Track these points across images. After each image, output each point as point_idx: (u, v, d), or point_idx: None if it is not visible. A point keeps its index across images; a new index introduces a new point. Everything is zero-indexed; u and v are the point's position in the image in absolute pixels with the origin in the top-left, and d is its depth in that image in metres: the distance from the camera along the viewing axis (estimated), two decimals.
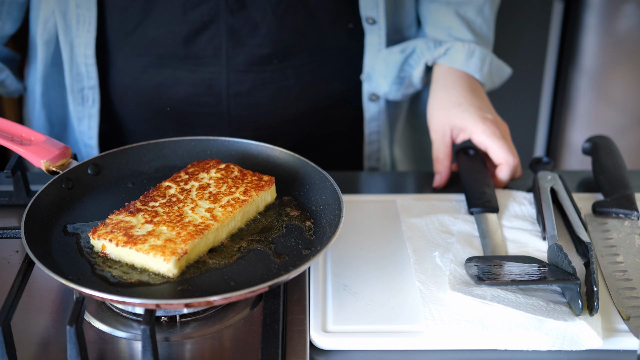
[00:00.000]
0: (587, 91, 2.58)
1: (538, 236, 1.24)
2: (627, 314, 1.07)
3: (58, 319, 1.08)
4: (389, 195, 1.38)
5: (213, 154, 1.31)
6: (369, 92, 1.61)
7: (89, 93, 1.55)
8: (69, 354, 0.94)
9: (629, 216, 1.27)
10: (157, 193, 1.18)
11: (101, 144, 1.60)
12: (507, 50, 2.00)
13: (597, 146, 1.43)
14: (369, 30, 1.55)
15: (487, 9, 1.55)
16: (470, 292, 1.09)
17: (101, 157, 1.26)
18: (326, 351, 1.05)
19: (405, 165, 1.76)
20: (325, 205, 1.19)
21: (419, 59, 1.52)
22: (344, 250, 1.21)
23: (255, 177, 1.21)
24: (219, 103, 1.55)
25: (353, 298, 1.12)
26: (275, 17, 1.49)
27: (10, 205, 1.31)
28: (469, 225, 1.26)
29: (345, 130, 1.67)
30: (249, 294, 0.99)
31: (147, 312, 0.95)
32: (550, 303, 1.07)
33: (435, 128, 1.44)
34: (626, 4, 2.45)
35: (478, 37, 1.53)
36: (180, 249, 1.05)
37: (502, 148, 1.36)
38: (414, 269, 1.16)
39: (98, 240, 1.09)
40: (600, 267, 1.17)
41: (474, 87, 1.46)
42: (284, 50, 1.52)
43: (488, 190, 1.32)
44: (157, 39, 1.50)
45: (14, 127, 1.26)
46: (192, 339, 1.05)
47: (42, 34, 1.54)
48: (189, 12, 1.47)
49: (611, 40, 2.51)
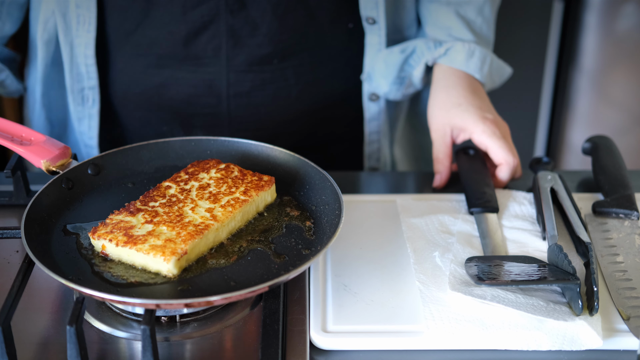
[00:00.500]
0: (587, 91, 2.58)
1: (538, 236, 1.24)
2: (627, 314, 1.07)
3: (58, 319, 1.08)
4: (389, 195, 1.38)
5: (213, 154, 1.31)
6: (369, 92, 1.61)
7: (89, 93, 1.55)
8: (69, 354, 0.94)
9: (629, 216, 1.27)
10: (157, 193, 1.18)
11: (101, 144, 1.60)
12: (507, 50, 2.00)
13: (597, 146, 1.43)
14: (369, 30, 1.55)
15: (487, 8, 1.55)
16: (470, 292, 1.09)
17: (101, 157, 1.26)
18: (326, 351, 1.05)
19: (405, 165, 1.76)
20: (325, 205, 1.19)
21: (419, 59, 1.52)
22: (344, 250, 1.21)
23: (255, 177, 1.21)
24: (219, 103, 1.55)
25: (353, 298, 1.12)
26: (275, 17, 1.49)
27: (10, 205, 1.31)
28: (469, 225, 1.26)
29: (345, 130, 1.67)
30: (249, 294, 0.99)
31: (147, 312, 0.95)
32: (550, 303, 1.07)
33: (436, 128, 1.44)
34: (626, 4, 2.45)
35: (478, 37, 1.53)
36: (180, 249, 1.05)
37: (502, 148, 1.36)
38: (414, 269, 1.16)
39: (98, 240, 1.09)
40: (600, 267, 1.17)
41: (474, 87, 1.46)
42: (284, 50, 1.52)
43: (488, 190, 1.32)
44: (157, 40, 1.50)
45: (14, 127, 1.26)
46: (192, 339, 1.05)
47: (42, 34, 1.54)
48: (189, 12, 1.47)
49: (611, 40, 2.51)
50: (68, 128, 1.65)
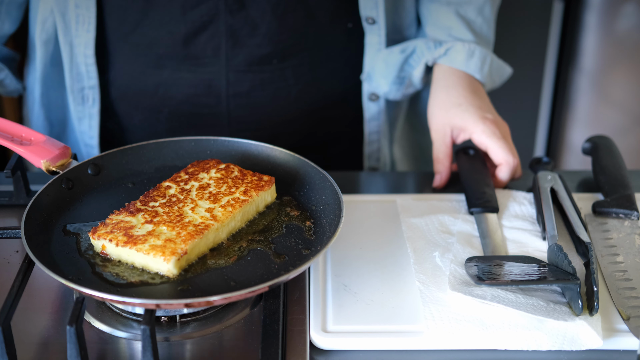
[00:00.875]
0: (587, 91, 2.58)
1: (538, 236, 1.24)
2: (627, 314, 1.07)
3: (58, 319, 1.08)
4: (389, 195, 1.38)
5: (213, 154, 1.31)
6: (368, 92, 1.61)
7: (89, 93, 1.55)
8: (69, 354, 0.94)
9: (629, 216, 1.27)
10: (157, 193, 1.18)
11: (101, 144, 1.60)
12: (507, 50, 2.00)
13: (597, 146, 1.43)
14: (369, 30, 1.54)
15: (488, 8, 1.55)
16: (470, 292, 1.09)
17: (101, 157, 1.26)
18: (326, 351, 1.05)
19: (405, 165, 1.76)
20: (325, 205, 1.19)
21: (419, 59, 1.52)
22: (344, 250, 1.21)
23: (255, 177, 1.21)
24: (218, 103, 1.55)
25: (353, 298, 1.12)
26: (275, 17, 1.49)
27: (10, 205, 1.31)
28: (469, 225, 1.26)
29: (345, 130, 1.67)
30: (249, 294, 0.99)
31: (147, 312, 0.95)
32: (550, 303, 1.07)
33: (436, 128, 1.44)
34: (626, 4, 2.45)
35: (478, 37, 1.53)
36: (180, 249, 1.05)
37: (502, 148, 1.36)
38: (414, 269, 1.16)
39: (98, 240, 1.09)
40: (600, 267, 1.17)
41: (474, 87, 1.46)
42: (284, 50, 1.52)
43: (488, 190, 1.32)
44: (156, 39, 1.50)
45: (14, 127, 1.26)
46: (192, 339, 1.05)
47: (40, 34, 1.54)
48: (188, 12, 1.47)
49: (611, 40, 2.51)
50: (68, 128, 1.65)
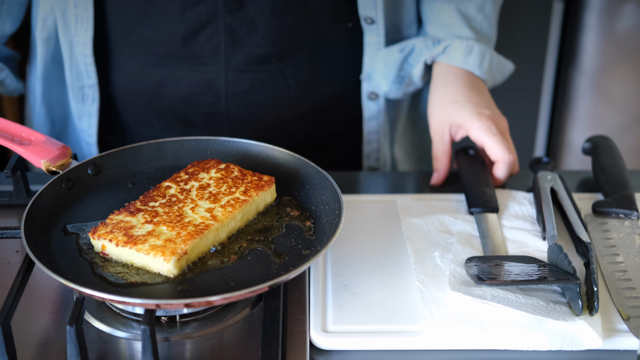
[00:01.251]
0: (587, 91, 2.58)
1: (538, 236, 1.24)
2: (627, 314, 1.07)
3: (58, 319, 1.08)
4: (389, 195, 1.38)
5: (213, 154, 1.31)
6: (368, 91, 1.61)
7: (89, 91, 1.55)
8: (69, 354, 0.94)
9: (629, 216, 1.27)
10: (157, 193, 1.18)
11: (101, 143, 1.61)
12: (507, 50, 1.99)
13: (597, 146, 1.43)
14: (368, 30, 1.54)
15: (489, 6, 1.55)
16: (470, 292, 1.09)
17: (101, 157, 1.26)
18: (326, 351, 1.05)
19: (406, 166, 1.76)
20: (325, 205, 1.19)
21: (418, 58, 1.52)
22: (344, 250, 1.21)
23: (255, 177, 1.21)
24: (217, 102, 1.55)
25: (353, 298, 1.12)
26: (274, 16, 1.49)
27: (10, 205, 1.31)
28: (469, 225, 1.26)
29: (345, 130, 1.67)
30: (249, 294, 0.99)
31: (147, 312, 0.95)
32: (550, 303, 1.07)
33: (434, 126, 1.44)
34: (626, 4, 2.45)
35: (478, 34, 1.53)
36: (180, 249, 1.05)
37: (498, 144, 1.35)
38: (414, 269, 1.16)
39: (98, 240, 1.09)
40: (600, 267, 1.17)
41: (474, 84, 1.46)
42: (283, 49, 1.52)
43: (488, 190, 1.32)
44: (155, 39, 1.50)
45: (14, 127, 1.26)
46: (192, 339, 1.05)
47: (41, 32, 1.54)
48: (187, 11, 1.47)
49: (611, 40, 2.51)
50: (69, 125, 1.65)
